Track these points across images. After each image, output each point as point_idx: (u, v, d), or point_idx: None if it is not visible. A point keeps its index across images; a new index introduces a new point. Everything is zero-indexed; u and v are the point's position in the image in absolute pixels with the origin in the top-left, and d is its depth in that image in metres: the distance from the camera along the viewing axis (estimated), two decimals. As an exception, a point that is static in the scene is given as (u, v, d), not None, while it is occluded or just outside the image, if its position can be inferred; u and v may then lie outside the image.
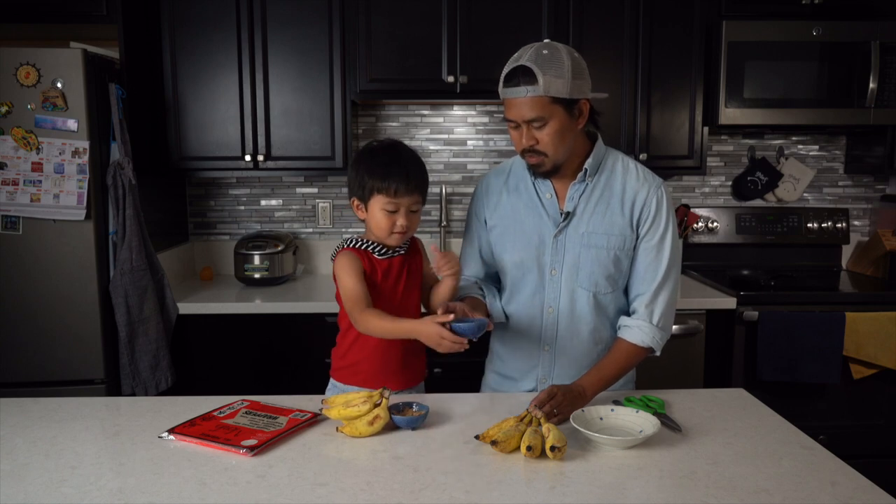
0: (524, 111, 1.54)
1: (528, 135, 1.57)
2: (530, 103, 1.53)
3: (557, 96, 1.52)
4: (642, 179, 1.68)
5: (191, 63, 2.80)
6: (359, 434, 1.40)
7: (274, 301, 2.65)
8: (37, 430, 1.45)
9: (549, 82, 1.50)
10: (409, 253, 1.74)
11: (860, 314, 2.63)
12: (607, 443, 1.35)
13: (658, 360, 2.68)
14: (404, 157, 1.64)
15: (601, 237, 1.65)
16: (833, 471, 1.25)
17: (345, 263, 1.64)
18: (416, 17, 2.78)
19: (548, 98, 1.52)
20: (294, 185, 3.25)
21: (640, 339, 1.65)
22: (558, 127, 1.56)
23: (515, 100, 1.54)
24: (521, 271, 1.72)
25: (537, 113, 1.53)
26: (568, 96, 1.53)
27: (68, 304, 2.38)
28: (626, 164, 1.71)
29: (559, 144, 1.58)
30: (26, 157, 2.30)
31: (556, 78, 1.51)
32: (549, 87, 1.51)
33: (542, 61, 1.51)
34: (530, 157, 1.61)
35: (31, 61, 2.28)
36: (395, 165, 1.61)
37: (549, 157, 1.59)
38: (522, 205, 1.72)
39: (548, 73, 1.51)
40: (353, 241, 1.69)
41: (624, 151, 2.87)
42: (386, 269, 1.68)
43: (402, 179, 1.60)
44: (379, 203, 1.62)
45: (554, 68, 1.51)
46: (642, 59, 2.85)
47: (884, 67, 2.80)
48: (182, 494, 1.18)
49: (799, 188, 3.25)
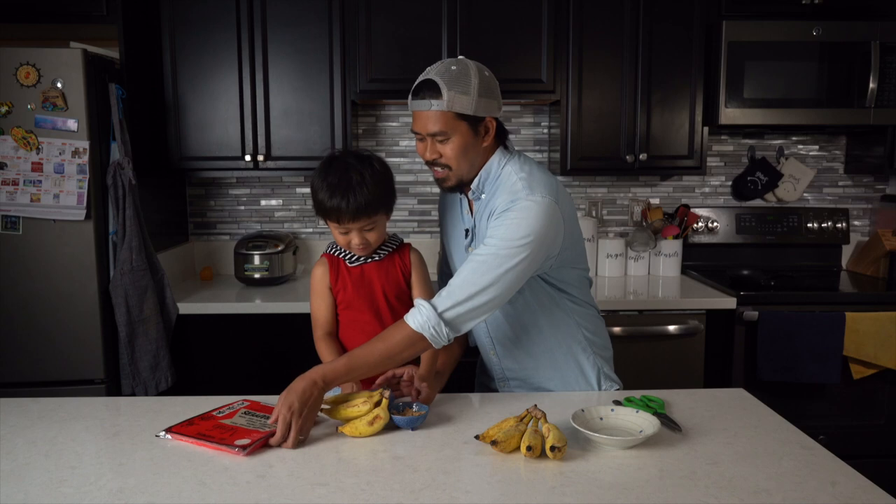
0: (428, 125, 1.56)
1: (431, 148, 1.59)
2: (434, 117, 1.55)
3: (461, 112, 1.54)
4: (508, 190, 1.59)
5: (191, 63, 2.80)
6: (359, 434, 1.40)
7: (274, 301, 2.65)
8: (37, 430, 1.45)
9: (453, 98, 1.52)
10: (388, 262, 1.73)
11: (860, 314, 2.63)
12: (607, 443, 1.35)
13: (658, 360, 2.70)
14: (352, 180, 1.58)
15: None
16: (833, 471, 1.25)
17: (313, 281, 1.74)
18: (416, 17, 2.78)
19: (452, 113, 1.54)
20: (294, 185, 3.25)
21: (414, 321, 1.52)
22: (461, 142, 1.57)
23: (421, 112, 1.57)
24: None
25: (440, 127, 1.55)
26: (472, 113, 1.55)
27: (68, 304, 2.38)
28: (511, 177, 1.61)
29: (462, 159, 1.59)
30: (26, 157, 2.30)
31: (461, 94, 1.53)
32: (453, 104, 1.53)
33: (450, 77, 1.53)
34: (435, 170, 1.64)
35: (31, 61, 2.28)
36: (338, 193, 1.57)
37: (453, 171, 1.61)
38: (454, 218, 1.79)
39: (453, 88, 1.53)
40: (330, 248, 1.75)
41: (624, 151, 2.90)
42: (358, 277, 1.70)
43: (345, 207, 1.57)
44: (331, 226, 1.65)
45: (460, 84, 1.53)
46: (642, 59, 2.85)
47: (884, 67, 2.80)
48: (182, 494, 1.18)
49: (799, 188, 3.25)
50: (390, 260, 1.73)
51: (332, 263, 1.72)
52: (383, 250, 1.73)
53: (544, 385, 1.75)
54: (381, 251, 1.72)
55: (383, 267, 1.72)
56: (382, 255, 1.72)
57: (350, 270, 1.71)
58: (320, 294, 1.72)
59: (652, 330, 2.67)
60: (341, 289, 1.71)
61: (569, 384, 1.74)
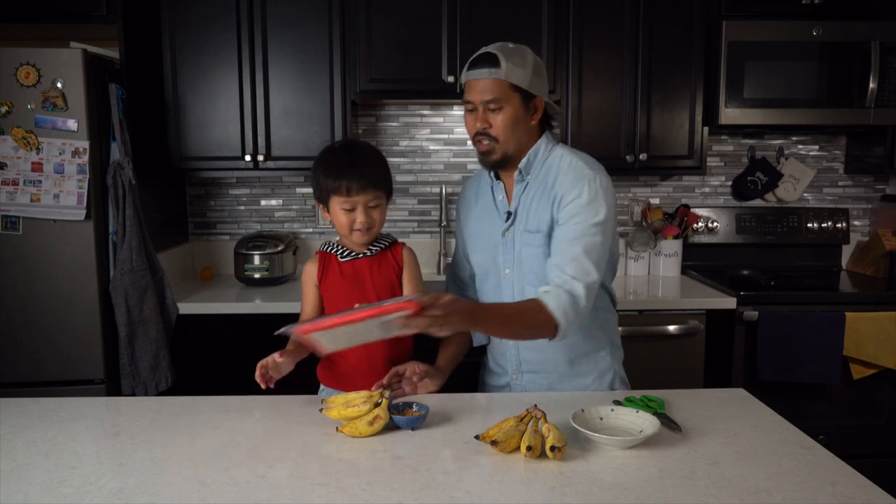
0: (483, 92, 1.60)
1: (482, 118, 1.63)
2: (490, 85, 1.60)
3: (516, 84, 1.59)
4: (573, 170, 1.64)
5: (191, 63, 2.80)
6: (359, 434, 1.40)
7: (274, 301, 2.65)
8: (37, 430, 1.45)
9: (510, 69, 1.59)
10: (380, 258, 1.73)
11: (860, 314, 2.63)
12: (607, 443, 1.35)
13: (658, 360, 2.70)
14: (360, 155, 1.67)
15: (535, 235, 1.67)
16: (833, 471, 1.25)
17: (303, 276, 1.75)
18: (416, 17, 2.78)
19: (507, 83, 1.60)
20: (294, 185, 3.25)
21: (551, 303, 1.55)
22: (512, 114, 1.62)
23: (476, 81, 1.61)
24: (484, 271, 1.78)
25: (495, 94, 1.60)
26: (527, 87, 1.61)
27: (68, 304, 2.38)
28: (564, 158, 1.67)
29: (510, 132, 1.63)
30: (26, 157, 2.30)
31: (517, 67, 1.59)
32: (510, 74, 1.59)
33: (508, 51, 1.61)
34: (481, 142, 1.65)
35: (31, 61, 2.28)
36: (348, 164, 1.64)
37: (500, 143, 1.64)
38: (482, 207, 1.79)
39: (510, 60, 1.59)
40: (325, 245, 1.76)
41: (624, 151, 2.90)
42: (349, 272, 1.71)
43: (354, 177, 1.62)
44: (336, 203, 1.65)
45: (517, 58, 1.60)
46: (642, 59, 2.85)
47: (884, 67, 2.80)
48: (182, 494, 1.18)
49: (799, 188, 3.25)
50: (383, 256, 1.73)
51: (322, 260, 1.73)
52: (376, 246, 1.73)
53: (557, 381, 1.75)
54: (374, 247, 1.73)
55: (375, 263, 1.72)
56: (375, 251, 1.73)
57: (341, 265, 1.71)
58: (308, 289, 1.75)
59: (652, 330, 2.67)
60: (331, 285, 1.71)
61: (584, 382, 1.76)
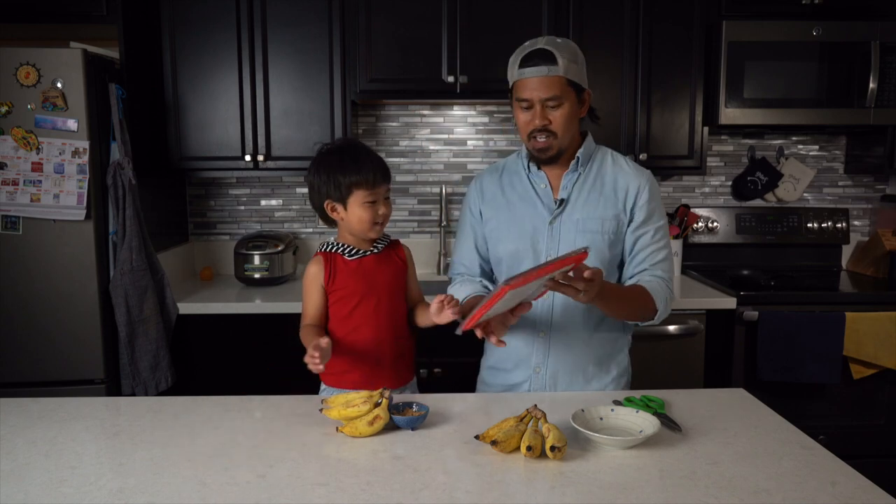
0: (542, 90, 1.61)
1: (541, 115, 1.63)
2: (549, 82, 1.60)
3: (573, 80, 1.62)
4: (634, 170, 1.76)
5: (191, 63, 2.80)
6: (359, 434, 1.40)
7: (274, 301, 2.65)
8: (37, 430, 1.45)
9: (567, 65, 1.60)
10: (386, 255, 1.76)
11: (860, 314, 2.63)
12: (607, 443, 1.35)
13: (658, 360, 2.70)
14: (363, 149, 1.71)
15: (596, 222, 1.70)
16: (833, 471, 1.25)
17: (306, 278, 1.74)
18: (416, 17, 2.78)
19: (565, 79, 1.61)
20: (294, 185, 3.25)
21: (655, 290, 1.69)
22: (570, 110, 1.64)
23: (533, 79, 1.61)
24: (517, 260, 1.76)
25: (555, 92, 1.61)
26: (579, 82, 1.64)
27: (68, 304, 2.38)
28: (616, 157, 1.79)
29: (567, 127, 1.66)
30: (26, 157, 2.30)
31: (572, 62, 1.61)
32: (568, 70, 1.61)
33: (560, 47, 1.61)
34: (539, 138, 1.66)
35: (31, 61, 2.28)
36: (363, 159, 1.67)
37: (558, 139, 1.66)
38: (517, 197, 1.77)
39: (566, 56, 1.60)
40: (325, 245, 1.75)
41: (624, 151, 2.90)
42: (357, 270, 1.71)
43: (375, 168, 1.66)
44: (359, 198, 1.66)
45: (571, 54, 1.62)
46: (642, 58, 2.85)
47: (884, 67, 2.80)
48: (182, 494, 1.18)
49: (799, 188, 3.25)
50: (387, 254, 1.77)
51: (326, 261, 1.72)
52: (379, 244, 1.76)
53: (574, 380, 1.75)
54: (378, 245, 1.75)
55: (382, 260, 1.74)
56: (380, 248, 1.75)
57: (348, 263, 1.71)
58: (313, 291, 1.73)
59: (652, 330, 2.66)
60: (341, 284, 1.70)
61: (605, 381, 1.77)
